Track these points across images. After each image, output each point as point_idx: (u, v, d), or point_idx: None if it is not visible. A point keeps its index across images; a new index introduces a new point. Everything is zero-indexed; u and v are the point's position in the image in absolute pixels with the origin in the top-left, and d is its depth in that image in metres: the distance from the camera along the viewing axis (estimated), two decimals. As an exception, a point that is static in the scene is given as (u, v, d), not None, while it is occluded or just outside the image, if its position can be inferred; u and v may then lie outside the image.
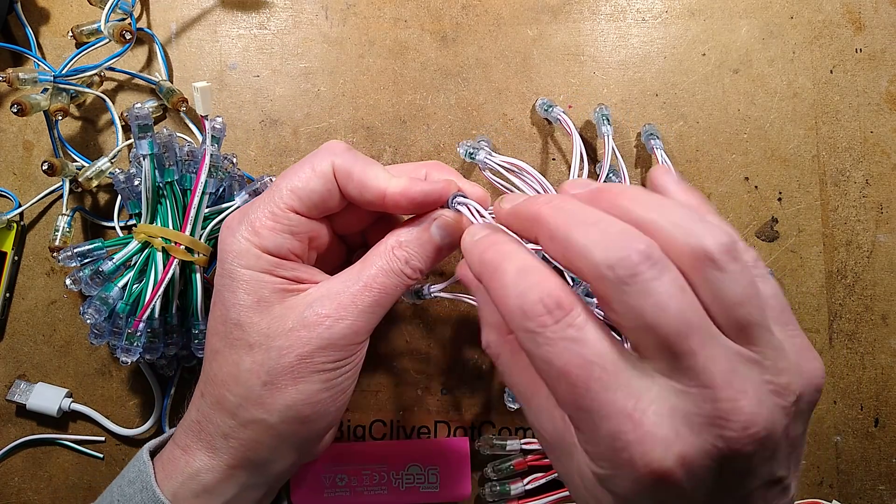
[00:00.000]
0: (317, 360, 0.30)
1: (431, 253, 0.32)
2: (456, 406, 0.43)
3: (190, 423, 0.33)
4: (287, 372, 0.30)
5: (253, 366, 0.31)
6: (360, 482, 0.40)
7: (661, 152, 0.41)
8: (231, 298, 0.31)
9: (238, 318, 0.31)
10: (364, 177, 0.31)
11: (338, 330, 0.30)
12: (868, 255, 0.44)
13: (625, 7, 0.45)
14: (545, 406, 0.25)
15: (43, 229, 0.44)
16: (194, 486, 0.32)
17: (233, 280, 0.31)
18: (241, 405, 0.31)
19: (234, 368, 0.31)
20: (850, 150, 0.44)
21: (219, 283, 0.32)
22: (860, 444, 0.43)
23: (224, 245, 0.32)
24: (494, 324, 0.28)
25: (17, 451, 0.43)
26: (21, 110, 0.37)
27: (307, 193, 0.31)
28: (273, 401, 0.30)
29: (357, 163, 0.31)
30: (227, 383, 0.31)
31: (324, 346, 0.30)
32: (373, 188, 0.31)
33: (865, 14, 0.44)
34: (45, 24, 0.44)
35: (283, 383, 0.30)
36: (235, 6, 0.45)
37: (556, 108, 0.42)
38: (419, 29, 0.44)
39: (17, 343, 0.43)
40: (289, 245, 0.31)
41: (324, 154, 0.32)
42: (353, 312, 0.31)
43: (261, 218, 0.31)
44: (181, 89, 0.43)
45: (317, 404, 0.31)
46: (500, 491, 0.41)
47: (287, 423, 0.31)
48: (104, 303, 0.36)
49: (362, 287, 0.31)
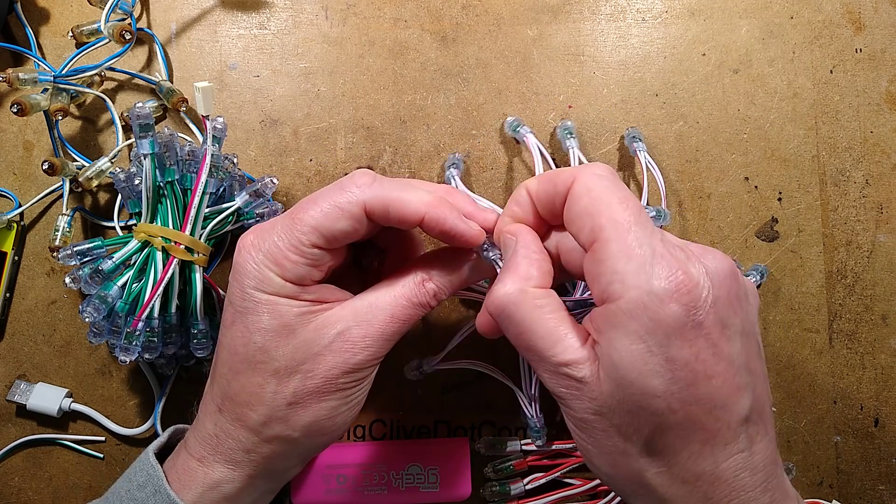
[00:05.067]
0: (341, 381, 0.31)
1: (458, 288, 0.34)
2: (456, 406, 0.43)
3: (206, 437, 0.33)
4: (312, 393, 0.31)
5: (279, 388, 0.31)
6: (360, 482, 0.40)
7: (644, 154, 0.41)
8: (255, 323, 0.31)
9: (263, 344, 0.31)
10: (402, 207, 0.30)
11: (363, 357, 0.31)
12: (868, 255, 0.44)
13: (625, 7, 0.45)
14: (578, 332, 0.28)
15: (43, 229, 0.44)
16: (215, 496, 0.32)
17: (255, 304, 0.31)
18: (266, 423, 0.31)
19: (258, 390, 0.31)
20: (850, 150, 0.44)
21: (239, 306, 0.31)
22: (860, 444, 0.43)
23: (243, 269, 0.31)
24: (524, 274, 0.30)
25: (17, 451, 0.43)
26: (21, 110, 0.37)
27: (332, 233, 0.30)
28: (297, 418, 0.31)
29: (392, 194, 0.30)
30: (251, 403, 0.31)
31: (348, 370, 0.31)
32: (411, 214, 0.30)
33: (865, 14, 0.44)
34: (45, 24, 0.44)
35: (307, 402, 0.31)
36: (235, 6, 0.45)
37: (523, 127, 0.42)
38: (419, 29, 0.44)
39: (17, 343, 0.43)
40: (312, 276, 0.31)
41: (350, 191, 0.30)
42: (378, 341, 0.32)
43: (283, 250, 0.30)
44: (181, 89, 0.43)
45: (336, 417, 0.32)
46: (500, 491, 0.41)
47: (308, 437, 0.32)
48: (103, 301, 0.36)
49: (389, 318, 0.32)
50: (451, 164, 0.42)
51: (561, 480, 0.42)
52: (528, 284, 0.29)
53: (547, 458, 0.42)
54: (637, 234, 0.26)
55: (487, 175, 0.44)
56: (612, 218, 0.27)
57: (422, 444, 0.42)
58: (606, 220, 0.27)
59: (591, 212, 0.27)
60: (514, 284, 0.29)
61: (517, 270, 0.29)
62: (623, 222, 0.26)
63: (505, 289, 0.29)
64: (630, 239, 0.26)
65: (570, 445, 0.42)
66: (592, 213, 0.27)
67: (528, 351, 0.29)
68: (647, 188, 0.42)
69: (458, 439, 0.42)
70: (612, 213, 0.27)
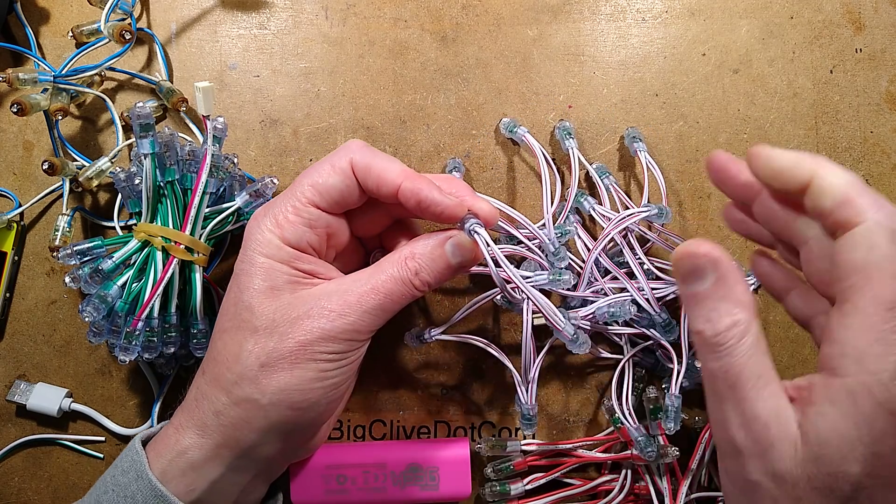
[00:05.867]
0: (316, 349, 0.32)
1: (442, 269, 0.34)
2: (456, 406, 0.43)
3: (187, 403, 0.34)
4: (285, 356, 0.32)
5: (254, 347, 0.32)
6: (360, 482, 0.40)
7: (644, 154, 0.41)
8: (246, 282, 0.33)
9: (249, 302, 0.33)
10: (382, 170, 0.33)
11: (339, 324, 0.32)
12: (868, 255, 0.44)
13: (625, 7, 0.45)
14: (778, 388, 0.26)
15: (43, 229, 0.44)
16: (182, 463, 0.33)
17: (251, 266, 0.33)
18: (237, 383, 0.32)
19: (236, 348, 0.33)
20: (850, 150, 0.44)
21: (238, 269, 0.34)
22: (860, 444, 0.43)
23: (249, 234, 0.34)
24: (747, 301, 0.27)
25: (17, 451, 0.43)
26: (21, 110, 0.37)
27: (327, 189, 0.33)
28: (267, 382, 0.32)
29: (376, 157, 0.33)
30: (228, 361, 0.33)
31: (324, 337, 0.32)
32: (389, 181, 0.33)
33: (865, 14, 0.44)
34: (45, 24, 0.44)
35: (279, 366, 0.32)
36: (235, 6, 0.45)
37: (520, 128, 0.42)
38: (419, 29, 0.44)
39: (17, 343, 0.43)
40: (308, 238, 0.33)
41: (343, 151, 0.34)
42: (356, 311, 0.32)
43: (283, 211, 0.33)
44: (181, 89, 0.43)
45: (308, 392, 0.32)
46: (500, 491, 0.41)
47: (276, 407, 0.32)
48: (103, 301, 0.36)
49: (370, 289, 0.33)
50: (451, 168, 0.42)
51: (561, 480, 0.42)
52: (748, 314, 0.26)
53: (547, 458, 0.42)
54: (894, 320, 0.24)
55: (487, 175, 0.44)
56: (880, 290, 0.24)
57: (422, 444, 0.42)
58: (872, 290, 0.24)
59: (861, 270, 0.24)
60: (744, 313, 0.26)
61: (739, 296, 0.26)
62: (888, 301, 0.24)
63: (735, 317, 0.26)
64: (884, 322, 0.24)
65: (570, 445, 0.42)
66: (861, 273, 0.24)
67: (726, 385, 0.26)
68: (647, 188, 0.42)
69: (458, 439, 0.42)
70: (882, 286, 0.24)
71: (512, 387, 0.43)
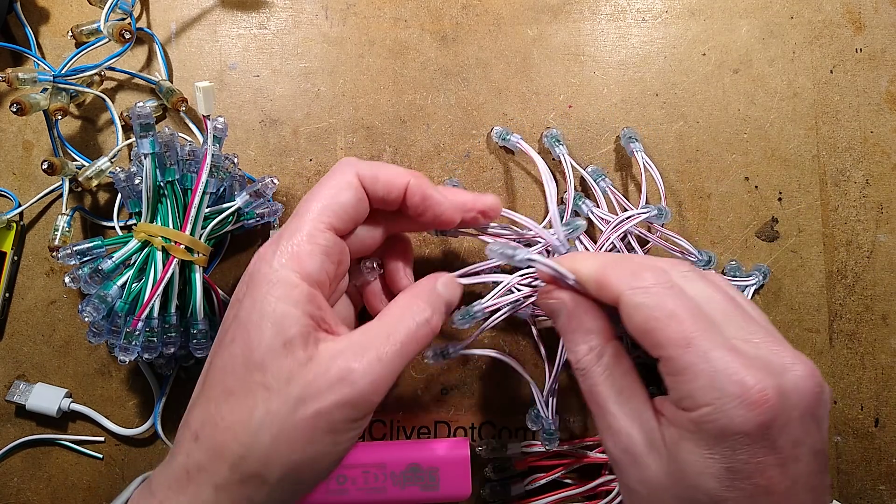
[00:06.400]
0: (335, 417, 0.28)
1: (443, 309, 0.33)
2: (456, 406, 0.43)
3: (174, 472, 0.29)
4: (300, 428, 0.28)
5: (266, 416, 0.28)
6: (360, 482, 0.40)
7: (641, 154, 0.41)
8: (257, 338, 0.28)
9: (262, 360, 0.28)
10: (388, 174, 0.32)
11: (361, 387, 0.28)
12: (868, 255, 0.44)
13: (625, 7, 0.45)
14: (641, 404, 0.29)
15: (43, 229, 0.44)
16: None
17: (262, 316, 0.28)
18: (244, 457, 0.28)
19: (245, 415, 0.28)
20: (850, 150, 0.44)
21: (244, 317, 0.29)
22: (860, 444, 0.43)
23: (257, 274, 0.29)
24: (597, 329, 0.31)
25: (16, 451, 0.43)
26: (21, 110, 0.37)
27: (342, 207, 0.31)
28: (278, 458, 0.28)
29: (378, 165, 0.33)
30: (235, 430, 0.28)
31: (345, 404, 0.28)
32: (398, 182, 0.32)
33: (865, 14, 0.45)
34: (44, 23, 0.44)
35: (293, 440, 0.28)
36: (235, 6, 0.45)
37: (512, 135, 0.42)
38: (419, 29, 0.44)
39: (17, 343, 0.43)
40: (326, 269, 0.30)
41: (344, 168, 0.32)
42: (377, 369, 0.29)
43: (298, 242, 0.30)
44: (181, 89, 0.43)
45: (318, 468, 0.29)
46: (500, 491, 0.41)
47: (284, 484, 0.28)
48: (103, 301, 0.36)
49: (388, 340, 0.30)
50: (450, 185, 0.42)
51: (561, 481, 0.42)
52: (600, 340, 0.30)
53: (547, 458, 0.42)
54: (699, 349, 0.26)
55: (487, 175, 0.44)
56: (667, 338, 0.27)
57: (422, 444, 0.42)
58: (661, 338, 0.27)
59: (646, 330, 0.27)
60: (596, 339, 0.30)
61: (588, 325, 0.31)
62: (680, 341, 0.26)
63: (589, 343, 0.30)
64: (692, 357, 0.26)
65: (570, 446, 0.42)
66: (647, 332, 0.27)
67: (593, 402, 0.30)
68: (645, 188, 0.42)
69: (458, 439, 0.42)
70: (667, 333, 0.27)
71: (513, 386, 0.43)
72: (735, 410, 0.25)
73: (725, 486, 0.25)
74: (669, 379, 0.27)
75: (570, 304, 0.31)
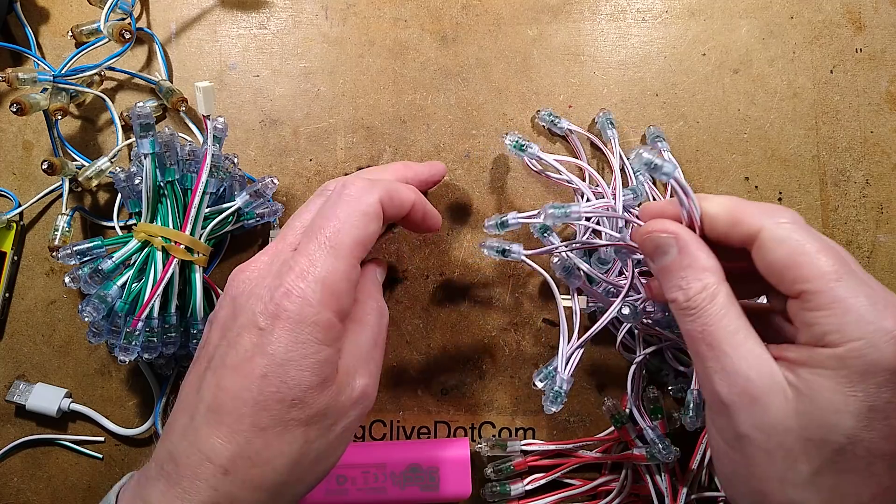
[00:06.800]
0: (354, 426, 0.31)
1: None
2: (456, 406, 0.43)
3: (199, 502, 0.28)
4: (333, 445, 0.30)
5: (305, 445, 0.29)
6: (360, 482, 0.40)
7: (667, 154, 0.41)
8: (297, 378, 0.28)
9: (301, 399, 0.28)
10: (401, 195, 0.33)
11: (371, 399, 0.32)
12: (868, 255, 0.44)
13: (625, 7, 0.45)
14: (757, 346, 0.27)
15: (43, 229, 0.44)
16: None
17: (304, 358, 0.28)
18: (287, 483, 0.29)
19: (285, 448, 0.28)
20: (850, 150, 0.44)
21: (282, 356, 0.28)
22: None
23: (300, 315, 0.28)
24: (712, 267, 0.29)
25: (16, 451, 0.43)
26: (20, 110, 0.37)
27: (369, 239, 0.31)
28: (313, 475, 0.30)
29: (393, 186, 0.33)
30: (273, 463, 0.28)
31: (361, 417, 0.31)
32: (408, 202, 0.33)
33: (865, 14, 0.44)
34: (44, 23, 0.44)
35: (325, 456, 0.30)
36: (235, 6, 0.45)
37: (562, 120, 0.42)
38: (419, 29, 0.44)
39: (17, 343, 0.43)
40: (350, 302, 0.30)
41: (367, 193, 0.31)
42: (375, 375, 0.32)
43: (336, 280, 0.29)
44: (181, 89, 0.43)
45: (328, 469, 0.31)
46: (500, 491, 0.41)
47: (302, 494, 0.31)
48: (102, 301, 0.36)
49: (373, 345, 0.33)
50: None
51: (561, 481, 0.42)
52: (716, 278, 0.28)
53: (547, 458, 0.42)
54: (848, 284, 0.25)
55: (487, 175, 0.44)
56: (818, 270, 0.26)
57: (422, 444, 0.42)
58: (810, 272, 0.26)
59: (789, 264, 0.27)
60: (711, 276, 0.28)
61: (703, 262, 0.29)
62: (831, 274, 0.26)
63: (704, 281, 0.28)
64: (843, 291, 0.25)
65: (570, 446, 0.42)
66: (792, 266, 0.26)
67: (705, 343, 0.28)
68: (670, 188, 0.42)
69: (458, 439, 0.42)
70: (817, 265, 0.26)
71: (513, 387, 0.43)
72: (888, 346, 0.24)
73: (863, 426, 0.24)
74: (811, 315, 0.26)
75: (685, 237, 0.29)
